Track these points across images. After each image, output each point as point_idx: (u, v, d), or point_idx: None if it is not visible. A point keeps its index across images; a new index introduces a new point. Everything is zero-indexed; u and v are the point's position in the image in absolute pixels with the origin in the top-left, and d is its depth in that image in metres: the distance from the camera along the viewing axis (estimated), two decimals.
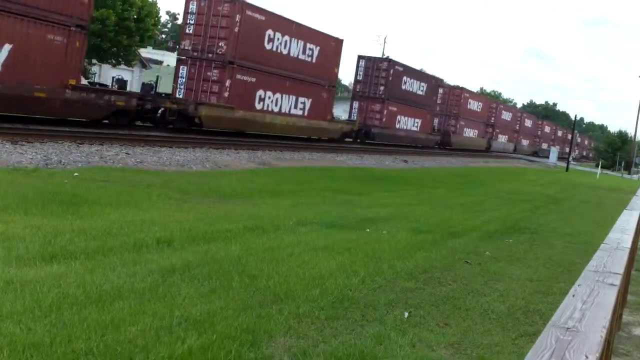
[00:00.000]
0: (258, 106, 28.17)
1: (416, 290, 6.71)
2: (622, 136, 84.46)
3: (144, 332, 4.46)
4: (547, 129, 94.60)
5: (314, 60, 31.53)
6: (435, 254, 8.77)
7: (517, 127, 75.88)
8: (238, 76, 26.28)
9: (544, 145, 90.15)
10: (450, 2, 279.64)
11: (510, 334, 5.61)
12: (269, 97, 28.95)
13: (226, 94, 25.64)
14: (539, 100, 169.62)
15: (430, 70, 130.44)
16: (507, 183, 29.12)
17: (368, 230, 10.30)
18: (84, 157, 15.50)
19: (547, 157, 78.03)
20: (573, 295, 2.22)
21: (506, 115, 70.90)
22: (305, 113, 32.01)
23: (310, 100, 32.16)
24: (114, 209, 9.56)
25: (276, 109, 29.59)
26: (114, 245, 7.04)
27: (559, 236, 12.43)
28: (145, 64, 50.98)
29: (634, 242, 5.21)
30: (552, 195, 24.53)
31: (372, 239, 9.36)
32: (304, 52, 30.75)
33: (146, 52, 52.20)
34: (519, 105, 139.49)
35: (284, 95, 29.93)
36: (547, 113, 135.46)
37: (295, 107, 31.08)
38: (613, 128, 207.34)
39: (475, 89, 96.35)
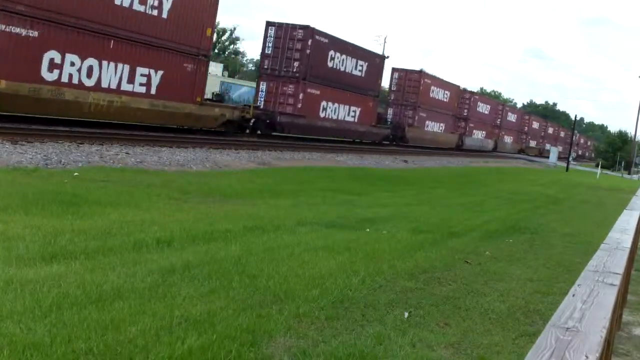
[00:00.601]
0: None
1: (416, 290, 6.71)
2: (622, 136, 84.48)
3: (144, 332, 4.46)
4: (535, 125, 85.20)
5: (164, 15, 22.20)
6: (435, 254, 8.77)
7: (499, 122, 66.90)
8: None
9: (532, 143, 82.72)
10: (450, 2, 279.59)
11: (510, 334, 5.61)
12: None
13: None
14: (539, 100, 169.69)
15: (430, 71, 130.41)
16: (507, 183, 29.12)
17: (368, 230, 10.30)
18: (84, 157, 15.50)
19: (536, 156, 75.22)
20: (573, 295, 2.22)
21: (483, 108, 61.16)
22: (153, 90, 22.29)
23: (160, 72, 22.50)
24: (114, 209, 9.56)
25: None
26: (114, 245, 7.04)
27: (559, 236, 12.44)
28: None
29: (634, 242, 5.21)
30: (552, 195, 24.53)
31: (372, 239, 9.36)
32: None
33: None
34: (519, 105, 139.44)
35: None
36: (547, 113, 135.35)
37: (132, 83, 21.52)
38: (613, 128, 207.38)
39: (475, 88, 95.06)
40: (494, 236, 11.40)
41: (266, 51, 31.45)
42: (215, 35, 27.65)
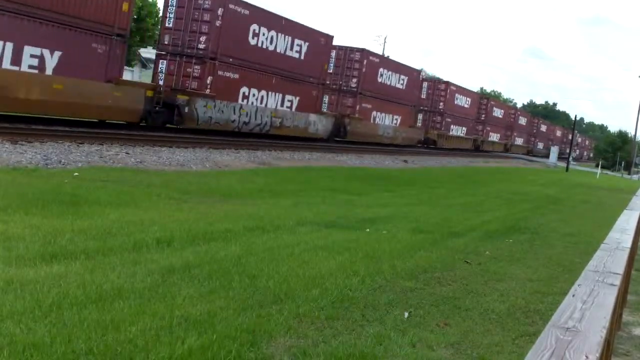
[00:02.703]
0: None
1: (416, 290, 6.71)
2: (622, 136, 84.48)
3: (144, 332, 4.46)
4: (522, 121, 79.35)
5: None
6: (435, 254, 8.77)
7: (483, 117, 61.38)
8: None
9: (518, 141, 76.93)
10: (450, 2, 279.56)
11: (510, 334, 5.61)
12: None
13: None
14: (539, 100, 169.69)
15: (430, 71, 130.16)
16: (507, 183, 29.12)
17: (368, 230, 10.30)
18: (84, 157, 15.50)
19: (524, 154, 72.70)
20: (573, 295, 2.22)
21: (461, 100, 54.28)
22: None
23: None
24: (114, 209, 9.56)
25: None
26: (114, 245, 7.04)
27: (559, 236, 12.44)
28: (145, 64, 51.11)
29: (634, 242, 5.21)
30: (552, 195, 24.53)
31: (372, 239, 9.36)
32: None
33: (146, 52, 52.36)
34: (519, 105, 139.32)
35: None
36: (547, 113, 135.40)
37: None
38: (613, 128, 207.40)
39: (475, 88, 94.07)
40: (494, 236, 11.40)
41: (167, 24, 24.67)
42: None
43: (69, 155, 15.27)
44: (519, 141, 76.98)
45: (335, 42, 33.80)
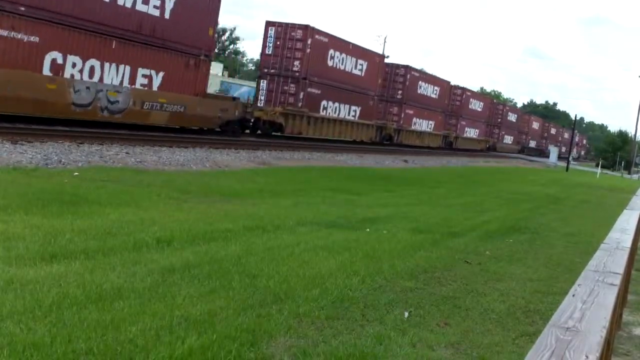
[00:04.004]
0: None
1: (416, 290, 6.71)
2: (622, 136, 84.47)
3: (144, 331, 4.46)
4: (512, 117, 73.01)
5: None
6: (436, 254, 8.77)
7: (463, 111, 55.52)
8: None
9: (508, 139, 71.49)
10: (450, 2, 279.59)
11: (510, 334, 5.61)
12: None
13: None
14: (539, 100, 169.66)
15: (430, 70, 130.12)
16: (507, 183, 29.11)
17: (368, 230, 10.30)
18: (84, 157, 15.50)
19: (508, 152, 68.43)
20: (573, 295, 2.22)
21: (428, 89, 47.52)
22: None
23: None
24: (114, 208, 9.55)
25: None
26: (114, 245, 7.04)
27: (559, 236, 12.44)
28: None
29: (634, 242, 5.21)
30: (552, 195, 24.53)
31: (372, 239, 9.36)
32: None
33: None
34: (519, 105, 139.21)
35: None
36: (547, 113, 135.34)
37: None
38: (613, 128, 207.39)
39: (475, 88, 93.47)
40: (494, 236, 11.40)
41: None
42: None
43: (69, 155, 15.27)
44: (508, 139, 72.12)
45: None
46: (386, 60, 44.19)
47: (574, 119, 78.80)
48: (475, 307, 6.32)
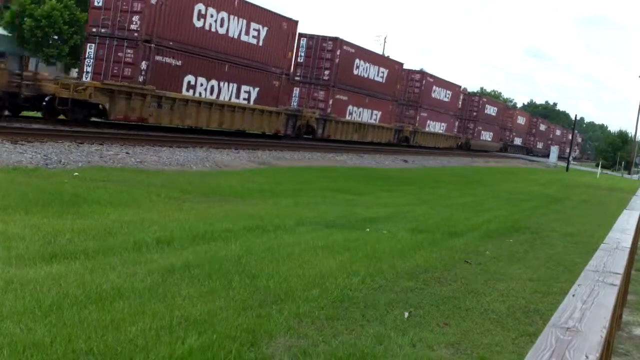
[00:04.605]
0: None
1: (416, 290, 6.71)
2: (622, 136, 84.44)
3: (144, 331, 4.46)
4: (490, 110, 63.52)
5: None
6: (436, 254, 8.77)
7: (424, 101, 47.26)
8: None
9: (486, 136, 63.08)
10: (450, 1, 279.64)
11: (510, 334, 5.61)
12: None
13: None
14: (539, 100, 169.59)
15: (430, 70, 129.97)
16: (507, 183, 29.11)
17: (368, 230, 10.30)
18: (84, 157, 15.50)
19: (486, 150, 61.05)
20: (573, 295, 2.22)
21: (372, 71, 38.61)
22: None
23: None
24: (114, 208, 9.55)
25: None
26: (114, 245, 7.04)
27: (559, 236, 12.44)
28: None
29: (634, 242, 5.21)
30: (552, 194, 24.53)
31: (372, 239, 9.36)
32: None
33: None
34: (519, 105, 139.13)
35: None
36: (547, 113, 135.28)
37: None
38: (613, 128, 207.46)
39: (475, 88, 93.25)
40: (494, 236, 11.40)
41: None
42: None
43: (69, 155, 15.27)
44: (487, 136, 63.76)
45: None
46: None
47: (574, 119, 78.57)
48: (475, 307, 6.32)
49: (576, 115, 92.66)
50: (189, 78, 24.03)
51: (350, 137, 36.77)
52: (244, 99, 27.26)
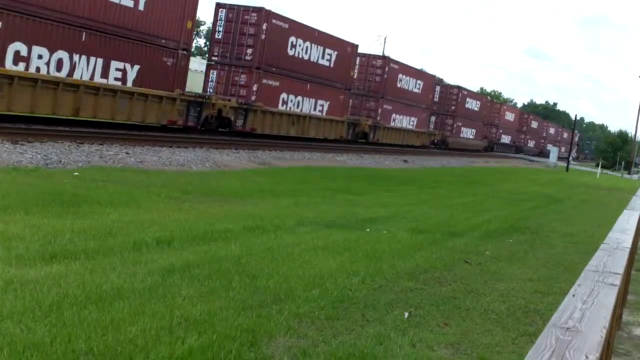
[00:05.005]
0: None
1: (416, 290, 6.71)
2: (622, 136, 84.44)
3: (144, 332, 4.46)
4: (472, 104, 57.21)
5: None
6: (436, 254, 8.77)
7: (388, 91, 40.56)
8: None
9: (468, 133, 57.16)
10: (450, 1, 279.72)
11: (510, 334, 5.61)
12: None
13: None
14: (539, 100, 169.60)
15: (430, 71, 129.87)
16: (507, 183, 29.11)
17: (368, 230, 10.30)
18: (84, 157, 15.50)
19: (467, 149, 54.85)
20: (573, 295, 2.22)
21: (315, 53, 32.57)
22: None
23: None
24: (114, 208, 9.55)
25: None
26: (114, 245, 7.04)
27: (559, 236, 12.43)
28: None
29: (634, 242, 5.21)
30: (552, 195, 24.53)
31: (372, 239, 9.36)
32: None
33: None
34: (519, 105, 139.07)
35: None
36: (547, 113, 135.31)
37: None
38: (613, 128, 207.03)
39: (475, 88, 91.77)
40: (494, 236, 11.40)
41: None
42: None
43: (69, 155, 15.27)
44: (468, 132, 57.58)
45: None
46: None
47: (574, 119, 78.31)
48: (475, 307, 6.32)
49: (576, 115, 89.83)
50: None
51: (286, 131, 29.98)
52: (116, 78, 20.60)
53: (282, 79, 29.19)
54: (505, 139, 71.65)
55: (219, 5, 27.59)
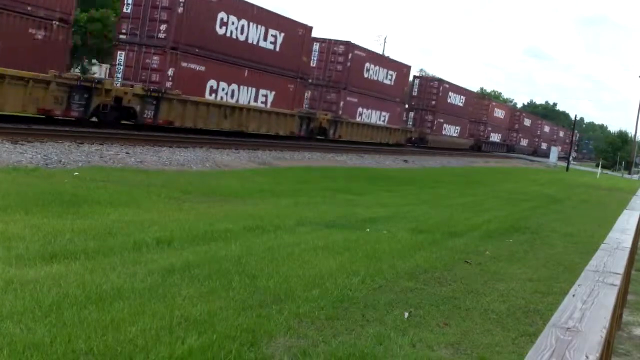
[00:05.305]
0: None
1: (416, 290, 6.71)
2: (622, 136, 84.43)
3: (144, 332, 4.46)
4: (455, 99, 52.61)
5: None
6: (436, 254, 8.77)
7: (351, 82, 35.47)
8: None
9: (451, 130, 52.24)
10: (450, 1, 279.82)
11: (510, 334, 5.61)
12: None
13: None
14: (539, 100, 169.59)
15: (430, 71, 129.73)
16: (507, 183, 29.11)
17: (368, 230, 10.30)
18: (84, 157, 15.50)
19: (450, 148, 49.38)
20: (573, 295, 2.22)
21: (253, 33, 27.27)
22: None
23: None
24: (114, 208, 9.55)
25: None
26: (114, 245, 7.04)
27: (559, 236, 12.43)
28: None
29: (634, 242, 5.21)
30: (552, 194, 24.53)
31: (372, 239, 9.36)
32: None
33: None
34: (519, 105, 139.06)
35: None
36: (547, 113, 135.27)
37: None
38: (613, 128, 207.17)
39: (475, 88, 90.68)
40: (494, 236, 11.40)
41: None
42: None
43: (69, 155, 15.27)
44: (451, 130, 52.46)
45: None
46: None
47: (574, 119, 78.16)
48: (475, 307, 6.32)
49: (576, 115, 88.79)
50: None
51: (216, 125, 25.07)
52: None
53: (210, 63, 24.41)
54: (495, 138, 66.61)
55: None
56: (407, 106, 47.33)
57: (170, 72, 22.76)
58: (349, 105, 35.68)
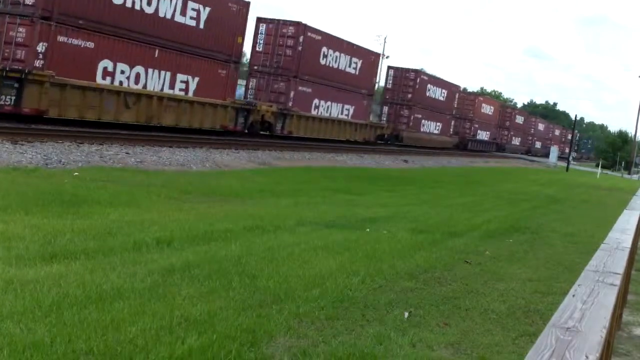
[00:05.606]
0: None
1: (416, 290, 6.71)
2: (622, 136, 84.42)
3: (144, 332, 4.46)
4: (436, 94, 47.74)
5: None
6: (436, 254, 8.77)
7: (305, 70, 30.94)
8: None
9: (431, 127, 47.54)
10: (449, 2, 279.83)
11: (510, 334, 5.61)
12: None
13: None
14: (539, 100, 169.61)
15: (430, 71, 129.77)
16: (507, 183, 29.12)
17: (368, 230, 10.30)
18: (84, 157, 15.50)
19: (432, 147, 44.83)
20: (573, 295, 2.22)
21: (167, 6, 22.04)
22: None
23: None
24: (114, 208, 9.55)
25: None
26: (114, 245, 7.04)
27: (559, 236, 12.43)
28: None
29: (634, 242, 5.21)
30: (552, 195, 24.53)
31: (372, 239, 9.36)
32: None
33: None
34: (519, 105, 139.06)
35: None
36: (547, 113, 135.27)
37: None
38: (613, 128, 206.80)
39: (475, 88, 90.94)
40: (494, 236, 11.40)
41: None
42: None
43: (69, 155, 15.28)
44: (432, 127, 48.03)
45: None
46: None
47: (574, 119, 77.99)
48: (475, 307, 6.32)
49: (576, 115, 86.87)
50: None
51: (114, 116, 20.61)
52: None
53: (102, 38, 19.44)
54: (483, 136, 61.16)
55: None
56: (381, 100, 43.69)
57: (40, 47, 17.91)
58: (301, 96, 30.65)
